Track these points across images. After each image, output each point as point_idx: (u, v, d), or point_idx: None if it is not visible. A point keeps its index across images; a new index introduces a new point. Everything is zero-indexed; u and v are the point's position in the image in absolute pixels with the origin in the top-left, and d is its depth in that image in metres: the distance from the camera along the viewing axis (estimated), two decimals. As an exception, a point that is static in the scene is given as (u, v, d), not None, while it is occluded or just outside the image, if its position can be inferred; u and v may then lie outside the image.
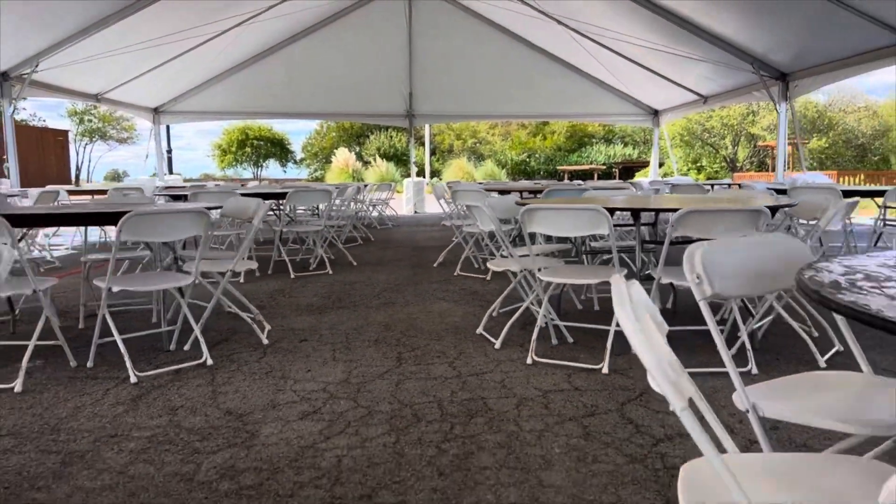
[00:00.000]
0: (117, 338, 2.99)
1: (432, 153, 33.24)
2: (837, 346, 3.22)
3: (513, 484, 1.97)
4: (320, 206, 7.60)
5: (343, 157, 31.92)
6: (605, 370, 3.00)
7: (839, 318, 1.63)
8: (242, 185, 12.47)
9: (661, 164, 26.97)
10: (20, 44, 9.31)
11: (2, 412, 2.57)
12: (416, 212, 15.65)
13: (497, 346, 3.45)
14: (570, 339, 3.52)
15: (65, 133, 26.91)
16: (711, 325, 1.49)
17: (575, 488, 1.93)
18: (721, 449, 1.10)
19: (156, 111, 14.96)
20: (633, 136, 36.60)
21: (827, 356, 3.14)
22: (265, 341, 3.58)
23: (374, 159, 31.57)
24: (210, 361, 3.17)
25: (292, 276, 5.76)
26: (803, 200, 3.51)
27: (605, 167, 32.23)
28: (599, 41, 12.20)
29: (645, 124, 16.04)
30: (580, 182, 9.97)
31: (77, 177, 29.51)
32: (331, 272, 6.00)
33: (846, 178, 23.26)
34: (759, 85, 10.34)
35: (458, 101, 15.64)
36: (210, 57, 12.86)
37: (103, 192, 7.94)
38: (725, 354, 1.48)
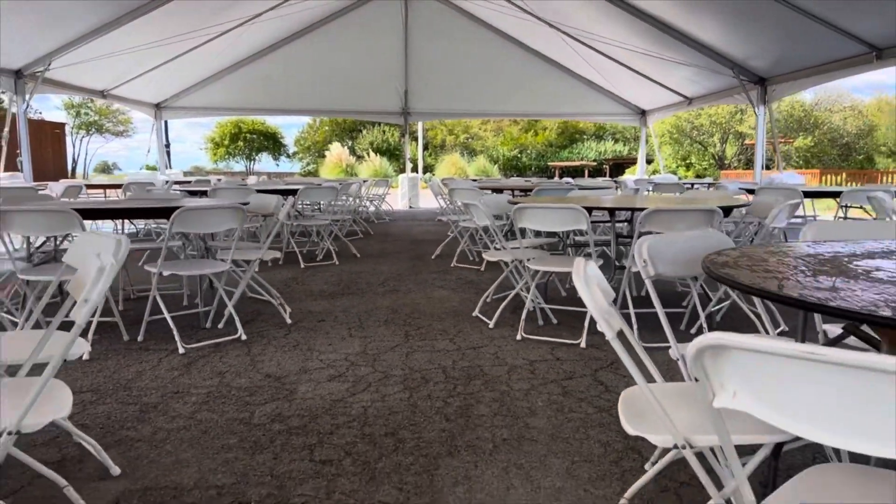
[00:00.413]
0: (167, 315, 3.49)
1: (424, 148, 33.64)
2: (783, 327, 3.76)
3: (504, 426, 2.49)
4: (321, 202, 8.07)
5: (337, 151, 32.22)
6: (583, 345, 3.53)
7: (769, 303, 2.14)
8: (243, 179, 12.92)
9: (650, 162, 27.64)
10: (34, 44, 9.73)
11: (77, 375, 3.07)
12: (410, 207, 16.14)
13: (491, 325, 3.97)
14: (554, 321, 4.04)
15: (62, 126, 27.18)
16: (655, 299, 2.01)
17: (553, 429, 2.46)
18: (651, 381, 1.61)
19: (157, 107, 15.36)
20: (623, 132, 37.08)
21: (776, 332, 3.67)
22: (289, 321, 4.09)
23: (368, 154, 31.95)
24: (244, 337, 3.67)
25: (302, 266, 6.27)
26: (757, 200, 4.05)
27: (595, 164, 32.74)
28: (589, 44, 12.72)
29: (633, 123, 16.59)
30: (569, 180, 10.51)
31: (73, 170, 29.74)
32: (337, 263, 6.50)
33: (828, 176, 23.80)
34: (739, 88, 10.89)
35: (453, 99, 16.12)
36: (211, 55, 13.27)
37: (118, 186, 8.38)
38: (663, 317, 2.00)
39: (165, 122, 19.24)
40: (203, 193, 5.91)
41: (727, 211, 3.58)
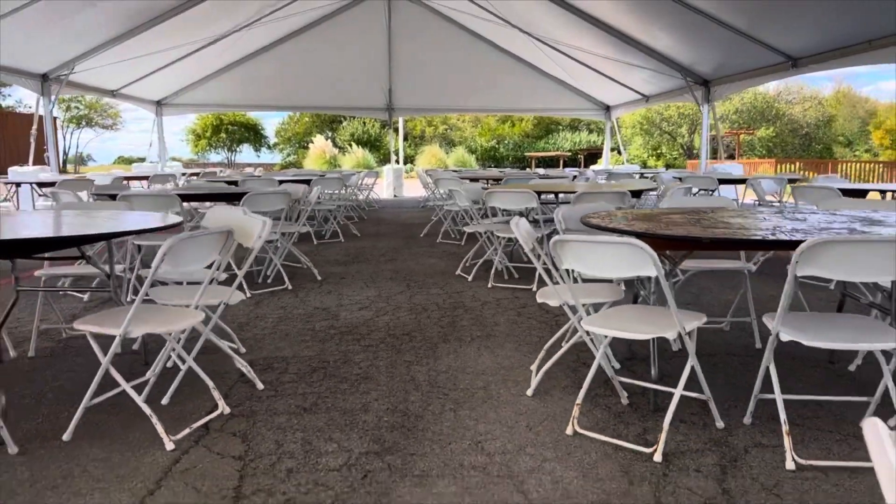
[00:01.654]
0: (237, 271, 4.83)
1: (404, 139, 34.82)
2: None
3: (478, 329, 3.89)
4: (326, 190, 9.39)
5: (320, 143, 33.23)
6: (534, 289, 4.95)
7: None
8: (221, 172, 14.11)
9: (620, 152, 29.33)
10: (59, 51, 10.89)
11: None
12: (395, 195, 17.47)
13: (469, 279, 5.38)
14: (516, 275, 5.46)
15: (54, 120, 28.00)
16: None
17: (509, 331, 3.87)
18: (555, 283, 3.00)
19: (158, 104, 16.49)
20: (598, 124, 38.32)
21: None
22: (319, 277, 5.46)
23: (350, 146, 33.05)
24: (290, 287, 5.04)
25: (315, 242, 7.62)
26: (666, 186, 5.49)
27: (570, 154, 34.14)
28: (556, 48, 14.12)
29: (599, 118, 18.07)
30: (540, 171, 11.92)
31: (64, 162, 30.54)
32: (343, 240, 7.87)
33: (784, 165, 25.48)
34: (687, 89, 12.38)
35: (433, 96, 17.46)
36: (209, 55, 14.44)
37: (145, 178, 9.62)
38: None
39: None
40: (234, 184, 7.21)
41: (637, 193, 5.01)
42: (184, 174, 10.76)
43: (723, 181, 7.36)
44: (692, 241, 2.27)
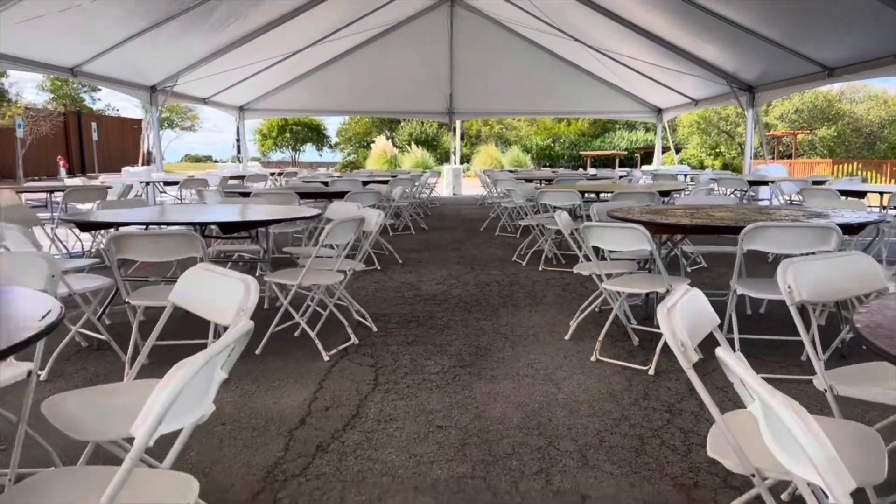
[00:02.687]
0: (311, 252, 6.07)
1: (461, 139, 35.88)
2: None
3: (530, 300, 5.00)
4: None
5: (381, 144, 34.66)
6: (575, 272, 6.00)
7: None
8: (278, 172, 15.51)
9: (678, 151, 29.78)
10: (165, 66, 12.48)
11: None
12: (454, 194, 18.66)
13: (523, 264, 6.49)
14: (563, 261, 6.53)
15: (139, 122, 30.38)
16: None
17: (555, 302, 4.97)
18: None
19: (241, 109, 18.14)
20: (655, 123, 38.47)
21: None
22: (399, 261, 6.67)
23: (410, 145, 34.39)
24: (379, 268, 6.27)
25: (391, 234, 8.86)
26: (697, 184, 6.46)
27: (626, 153, 34.46)
28: (608, 55, 15.01)
29: (650, 119, 18.80)
30: (592, 171, 12.87)
31: (147, 160, 32.96)
32: (413, 232, 9.08)
33: (842, 166, 25.39)
34: (731, 94, 13.10)
35: (490, 100, 18.56)
36: (287, 65, 15.92)
37: (241, 177, 11.06)
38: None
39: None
40: (325, 184, 8.50)
41: (666, 193, 6.01)
42: (272, 174, 12.20)
43: (753, 182, 8.22)
44: (673, 227, 3.34)
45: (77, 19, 8.60)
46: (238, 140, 20.46)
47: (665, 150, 22.50)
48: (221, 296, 1.77)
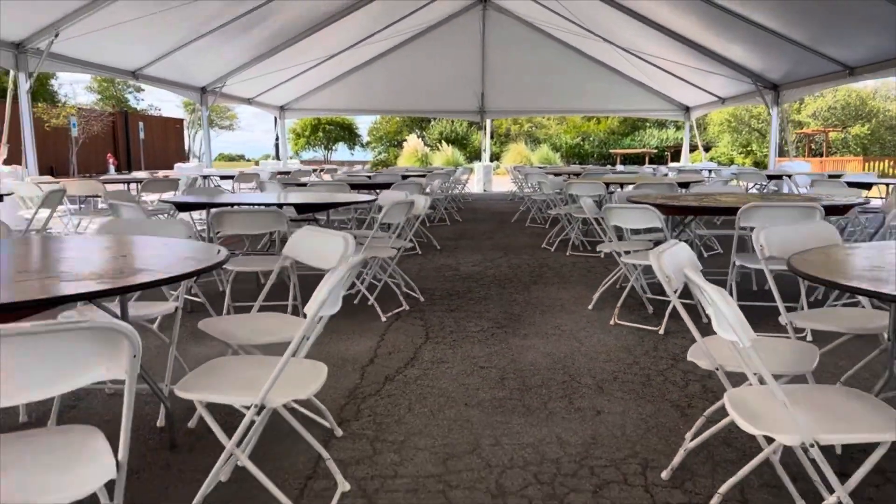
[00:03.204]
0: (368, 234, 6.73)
1: (490, 137, 36.37)
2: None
3: (557, 278, 5.58)
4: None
5: (413, 142, 35.34)
6: (602, 255, 6.56)
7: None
8: (319, 170, 16.21)
9: (707, 150, 29.88)
10: (215, 68, 13.30)
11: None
12: (485, 190, 19.24)
13: (552, 250, 7.07)
14: (589, 248, 7.09)
15: (181, 121, 31.62)
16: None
17: (578, 280, 5.54)
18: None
19: (281, 109, 18.97)
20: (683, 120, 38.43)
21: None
22: (438, 247, 7.30)
23: (440, 143, 34.98)
24: (420, 252, 6.90)
25: (427, 224, 9.49)
26: (715, 178, 6.96)
27: (656, 150, 34.52)
28: (637, 55, 15.44)
29: (678, 118, 19.15)
30: (621, 167, 13.36)
31: (188, 158, 34.16)
32: (448, 223, 9.70)
33: (872, 164, 25.33)
34: (757, 93, 13.45)
35: (521, 99, 19.09)
36: (325, 67, 16.68)
37: (287, 172, 11.81)
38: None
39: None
40: (369, 177, 9.16)
41: (685, 185, 6.53)
42: (313, 170, 12.93)
43: (771, 177, 8.66)
44: (681, 208, 3.90)
45: (140, 27, 9.39)
46: (277, 139, 21.32)
47: (693, 148, 22.84)
48: (326, 248, 2.40)
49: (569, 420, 2.67)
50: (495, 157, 35.36)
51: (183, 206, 4.35)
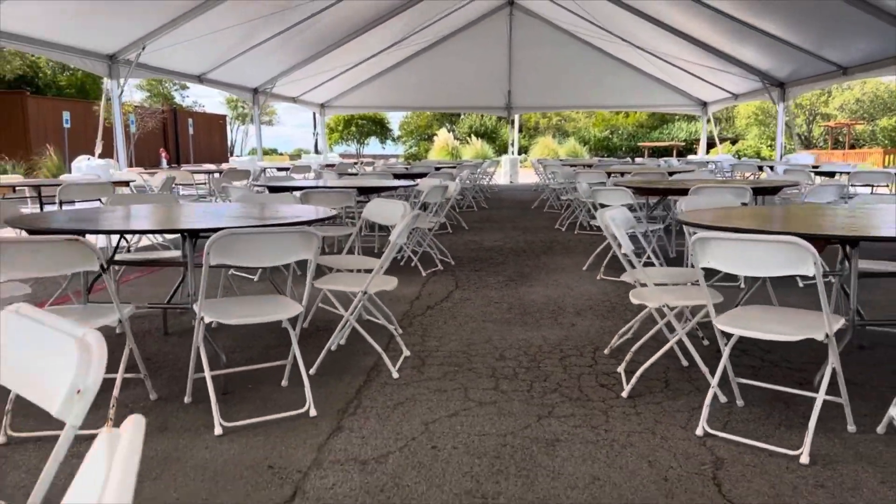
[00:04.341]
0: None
1: (519, 130, 37.40)
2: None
3: (564, 250, 6.84)
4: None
5: (443, 136, 36.53)
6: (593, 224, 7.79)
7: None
8: (357, 163, 17.59)
9: (734, 142, 30.71)
10: (266, 71, 14.76)
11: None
12: (511, 182, 20.46)
13: (563, 230, 8.32)
14: (594, 228, 8.31)
15: (224, 117, 33.37)
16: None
17: (583, 250, 6.79)
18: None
19: (321, 106, 20.43)
20: (714, 114, 38.79)
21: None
22: (465, 227, 8.61)
23: (470, 137, 36.12)
24: (450, 231, 8.21)
25: (457, 210, 10.79)
26: (698, 168, 8.13)
27: (684, 144, 35.15)
28: (655, 54, 16.49)
29: (696, 113, 20.11)
30: (640, 160, 14.43)
31: (231, 152, 35.97)
32: (476, 209, 11.00)
33: (892, 156, 25.81)
34: (765, 90, 14.43)
35: (546, 96, 20.25)
36: (365, 66, 18.05)
37: (332, 165, 13.22)
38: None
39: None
40: (407, 168, 10.48)
41: (673, 173, 7.70)
42: (355, 163, 14.33)
43: (761, 168, 9.76)
44: (646, 189, 5.12)
45: (207, 39, 10.82)
46: (316, 134, 22.80)
47: (722, 141, 23.69)
48: (392, 211, 3.72)
49: (551, 328, 3.96)
50: (524, 150, 36.35)
51: (273, 189, 5.71)
